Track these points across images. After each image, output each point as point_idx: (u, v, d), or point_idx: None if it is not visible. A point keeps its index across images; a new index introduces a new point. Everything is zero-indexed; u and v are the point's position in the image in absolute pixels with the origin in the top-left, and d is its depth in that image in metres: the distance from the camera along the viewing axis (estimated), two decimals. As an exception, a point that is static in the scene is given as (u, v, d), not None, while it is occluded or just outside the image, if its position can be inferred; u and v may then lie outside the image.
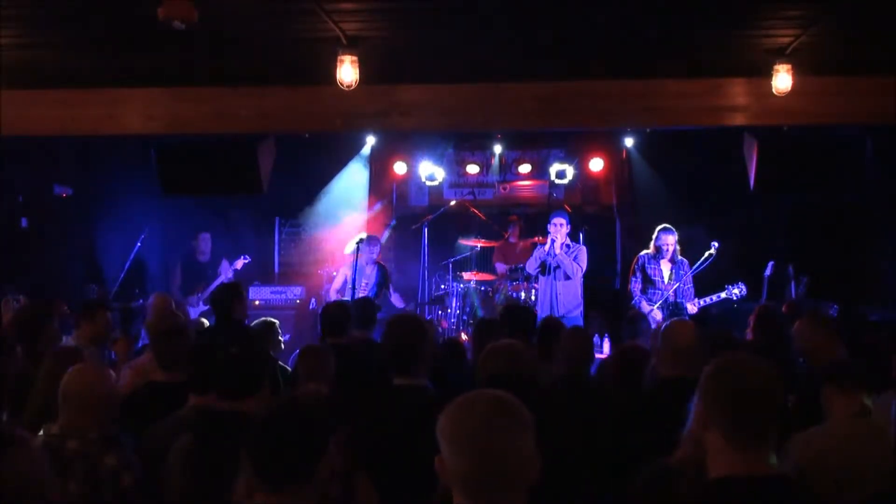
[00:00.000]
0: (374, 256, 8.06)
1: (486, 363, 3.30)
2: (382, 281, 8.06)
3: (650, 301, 7.46)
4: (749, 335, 5.16)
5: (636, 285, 7.58)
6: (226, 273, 8.55)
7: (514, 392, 1.84)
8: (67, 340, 4.82)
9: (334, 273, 8.61)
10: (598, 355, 6.91)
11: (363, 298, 6.94)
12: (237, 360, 3.19)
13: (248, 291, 8.28)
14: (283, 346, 5.49)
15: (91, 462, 2.88)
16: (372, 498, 2.73)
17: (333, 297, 7.94)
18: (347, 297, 7.47)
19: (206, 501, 2.76)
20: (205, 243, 8.73)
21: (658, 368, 3.67)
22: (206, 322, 6.04)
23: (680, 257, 7.58)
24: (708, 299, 7.38)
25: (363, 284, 7.87)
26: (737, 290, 7.26)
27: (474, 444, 1.71)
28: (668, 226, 7.56)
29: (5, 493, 1.99)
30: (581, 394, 3.88)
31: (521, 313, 5.26)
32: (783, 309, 5.79)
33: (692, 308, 7.35)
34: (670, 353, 3.66)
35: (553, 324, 4.97)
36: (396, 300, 8.29)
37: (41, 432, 3.06)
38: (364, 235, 8.15)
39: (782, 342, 5.01)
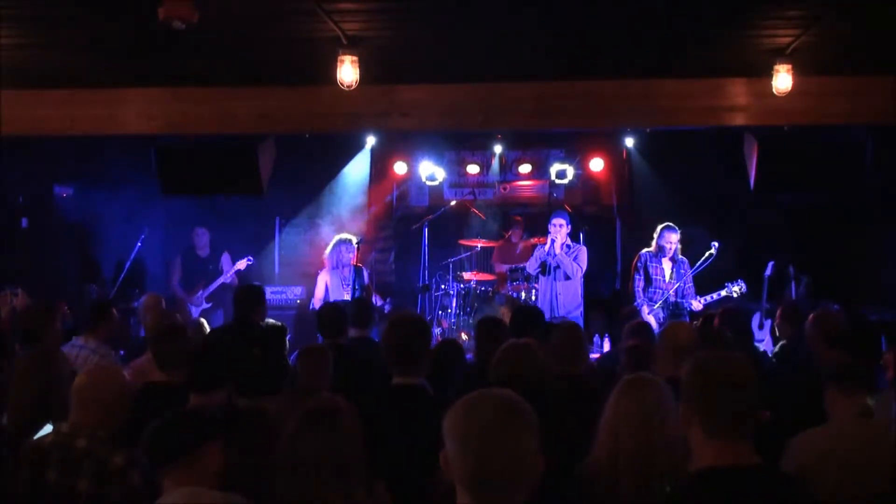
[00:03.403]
0: (352, 258, 8.04)
1: (504, 362, 3.29)
2: (363, 283, 8.04)
3: (651, 301, 7.46)
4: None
5: (639, 283, 7.58)
6: (228, 272, 8.53)
7: (528, 391, 1.86)
8: (76, 341, 4.81)
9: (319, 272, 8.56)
10: (596, 355, 6.94)
11: (359, 298, 6.94)
12: (266, 360, 3.29)
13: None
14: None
15: (100, 460, 2.89)
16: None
17: (319, 305, 7.88)
18: (341, 299, 7.44)
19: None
20: (200, 238, 8.71)
21: (658, 369, 3.68)
22: (204, 322, 6.02)
23: (680, 256, 7.58)
24: (709, 297, 7.39)
25: (354, 287, 7.86)
26: (737, 288, 7.27)
27: (480, 443, 1.73)
28: (671, 224, 7.57)
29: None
30: (577, 392, 3.87)
31: (530, 312, 5.27)
32: (779, 312, 5.82)
33: (698, 306, 7.36)
34: (670, 354, 3.67)
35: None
36: (377, 299, 8.29)
37: (46, 430, 3.07)
38: (342, 237, 8.14)
39: (744, 340, 5.07)
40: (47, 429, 3.10)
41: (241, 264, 8.50)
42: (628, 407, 2.64)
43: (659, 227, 7.60)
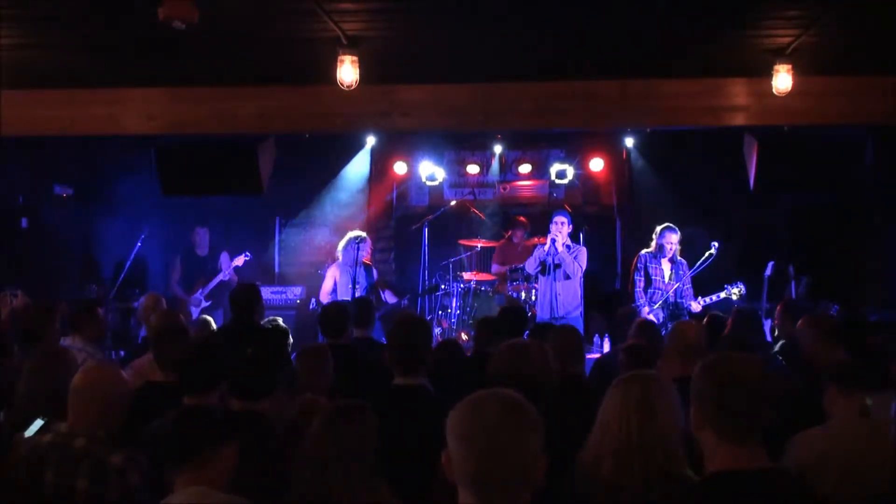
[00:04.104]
0: (363, 256, 8.03)
1: (502, 361, 3.30)
2: (372, 281, 8.03)
3: (651, 301, 7.46)
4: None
5: (640, 284, 7.57)
6: (226, 269, 8.52)
7: (527, 391, 1.86)
8: (63, 342, 4.79)
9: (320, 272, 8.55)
10: (595, 355, 6.94)
11: (361, 298, 6.93)
12: (259, 360, 3.29)
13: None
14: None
15: (98, 460, 2.88)
16: None
17: (326, 300, 7.88)
18: (345, 298, 7.43)
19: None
20: (201, 237, 8.71)
21: (664, 368, 3.67)
22: (210, 320, 6.00)
23: (679, 258, 7.58)
24: (708, 299, 7.38)
25: (355, 285, 7.85)
26: (736, 290, 7.26)
27: (483, 443, 1.73)
28: (671, 225, 7.56)
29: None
30: (578, 392, 3.87)
31: (516, 313, 5.26)
32: (778, 308, 5.81)
33: (697, 307, 7.35)
34: (677, 353, 3.67)
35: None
36: (389, 297, 8.28)
37: (31, 430, 3.07)
38: (355, 234, 8.12)
39: (760, 342, 5.05)
40: (35, 426, 3.09)
41: (239, 260, 8.49)
42: (612, 405, 2.61)
43: (659, 228, 7.58)
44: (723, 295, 7.32)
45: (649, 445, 2.49)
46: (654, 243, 7.59)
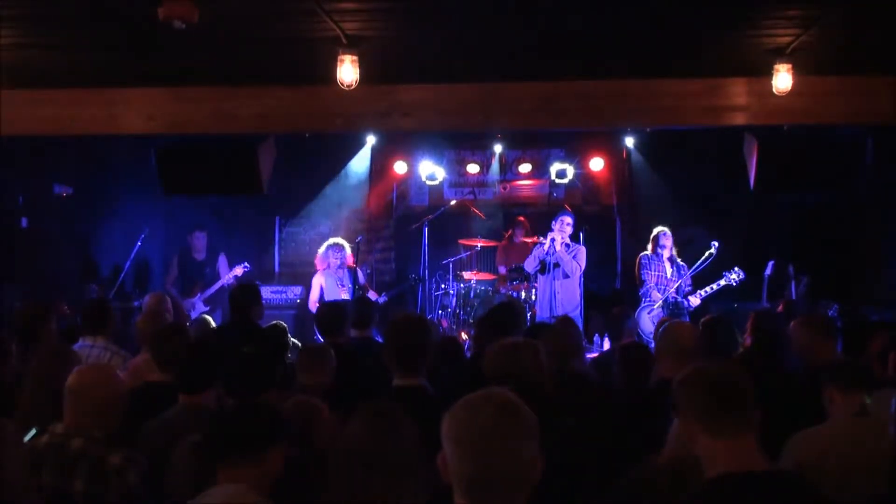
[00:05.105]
0: (344, 261, 8.03)
1: (497, 361, 3.28)
2: (359, 284, 8.04)
3: (652, 301, 7.48)
4: (747, 340, 5.18)
5: (650, 280, 7.60)
6: (225, 275, 8.52)
7: (523, 391, 1.85)
8: (84, 342, 4.75)
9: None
10: (594, 354, 6.93)
11: (360, 297, 6.93)
12: (254, 359, 3.27)
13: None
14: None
15: (96, 461, 2.88)
16: None
17: (314, 308, 7.87)
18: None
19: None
20: (199, 241, 8.70)
21: (659, 369, 3.66)
22: (209, 319, 6.00)
23: (679, 261, 7.61)
24: (708, 289, 7.42)
25: (341, 287, 7.85)
26: (734, 276, 7.28)
27: (478, 447, 1.71)
28: (664, 228, 7.63)
29: None
30: (575, 389, 3.85)
31: (506, 310, 5.19)
32: (779, 309, 5.80)
33: (696, 300, 7.37)
34: (672, 354, 3.65)
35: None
36: (372, 295, 8.30)
37: (32, 432, 3.07)
38: (331, 242, 8.15)
39: (779, 345, 5.01)
40: (29, 435, 3.08)
41: (238, 271, 8.47)
42: None
43: (655, 230, 7.66)
44: (723, 283, 7.34)
45: None
46: (650, 246, 7.65)
